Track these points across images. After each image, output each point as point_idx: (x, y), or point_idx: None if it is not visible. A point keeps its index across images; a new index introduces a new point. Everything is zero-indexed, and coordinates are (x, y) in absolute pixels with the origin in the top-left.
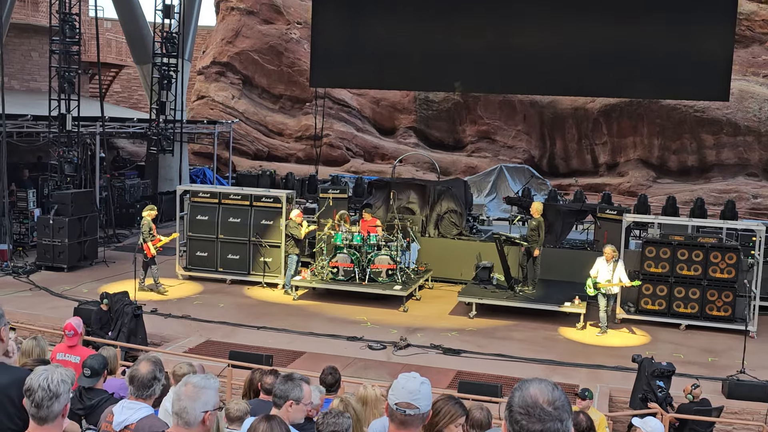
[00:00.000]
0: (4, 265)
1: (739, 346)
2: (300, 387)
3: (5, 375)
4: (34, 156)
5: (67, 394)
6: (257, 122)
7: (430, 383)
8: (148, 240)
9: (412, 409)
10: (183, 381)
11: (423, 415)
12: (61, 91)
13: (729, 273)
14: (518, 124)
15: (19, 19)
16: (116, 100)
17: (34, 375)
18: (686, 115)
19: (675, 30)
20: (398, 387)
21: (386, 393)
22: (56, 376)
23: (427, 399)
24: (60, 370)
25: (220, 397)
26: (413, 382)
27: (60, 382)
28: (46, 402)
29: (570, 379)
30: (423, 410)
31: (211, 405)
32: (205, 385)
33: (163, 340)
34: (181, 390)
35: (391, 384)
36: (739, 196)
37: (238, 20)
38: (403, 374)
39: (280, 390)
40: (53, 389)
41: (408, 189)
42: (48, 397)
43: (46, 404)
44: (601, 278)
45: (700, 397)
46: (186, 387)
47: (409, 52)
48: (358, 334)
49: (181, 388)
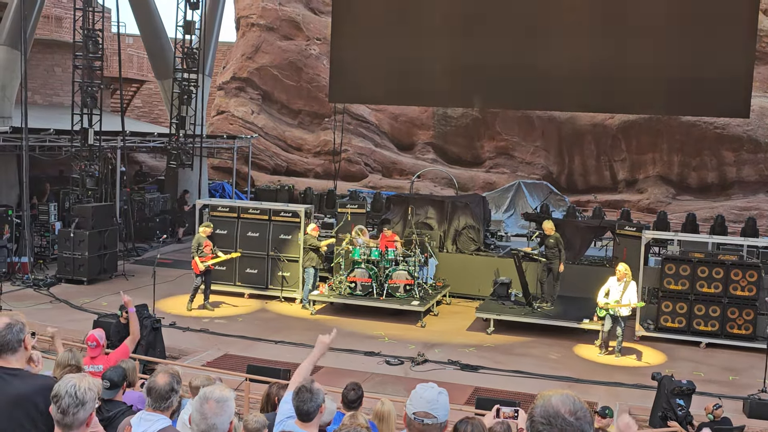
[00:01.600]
0: (25, 278)
1: (761, 364)
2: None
3: (30, 382)
4: (56, 170)
5: (92, 403)
6: (276, 137)
7: (447, 393)
8: (195, 256)
9: (430, 419)
10: (202, 398)
11: (441, 424)
12: (83, 105)
13: (750, 291)
14: (536, 140)
15: (42, 34)
16: (137, 114)
17: (62, 382)
18: (706, 132)
19: (695, 46)
20: (416, 396)
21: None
22: (84, 384)
23: (444, 409)
24: (88, 378)
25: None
26: (431, 391)
27: (87, 390)
28: (72, 409)
29: (589, 396)
30: (441, 419)
31: (233, 413)
32: (227, 397)
33: (181, 353)
34: (205, 408)
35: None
36: (760, 213)
37: (258, 36)
38: (421, 384)
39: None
40: (80, 396)
41: (426, 204)
42: (74, 404)
43: (72, 411)
44: (610, 298)
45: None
46: (209, 404)
47: (427, 68)
48: (375, 349)
49: (204, 406)
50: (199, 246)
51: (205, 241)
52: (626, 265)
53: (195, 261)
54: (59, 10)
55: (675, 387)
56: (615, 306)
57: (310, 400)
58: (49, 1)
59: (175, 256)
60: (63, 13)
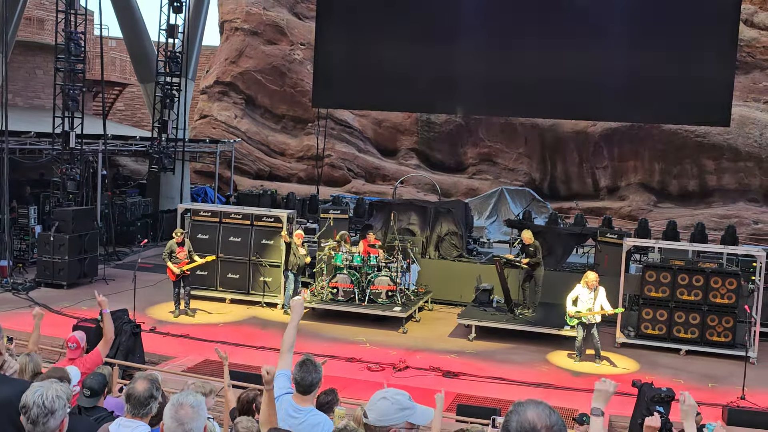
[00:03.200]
0: (3, 282)
1: (740, 372)
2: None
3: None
4: (37, 173)
5: (63, 410)
6: (259, 142)
7: (400, 402)
8: (167, 262)
9: (366, 418)
10: (176, 404)
11: (383, 428)
12: (65, 108)
13: (729, 298)
14: (519, 147)
15: (24, 36)
16: (119, 118)
17: (30, 392)
18: (687, 140)
19: (676, 56)
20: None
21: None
22: (51, 393)
23: (380, 414)
24: (55, 386)
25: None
26: (380, 394)
27: (55, 398)
28: (42, 419)
29: (568, 403)
30: (372, 422)
31: (205, 416)
32: (200, 401)
33: (161, 359)
34: (181, 414)
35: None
36: (739, 221)
37: (241, 40)
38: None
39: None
40: (48, 406)
41: (409, 210)
42: (43, 413)
43: (41, 421)
44: (581, 306)
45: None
46: (185, 410)
47: (411, 75)
48: (357, 355)
49: (180, 412)
50: (172, 253)
51: (177, 248)
52: (596, 274)
53: (169, 267)
54: (41, 12)
55: (655, 394)
56: (588, 314)
57: (314, 371)
58: (31, 3)
59: (157, 261)
60: (45, 15)
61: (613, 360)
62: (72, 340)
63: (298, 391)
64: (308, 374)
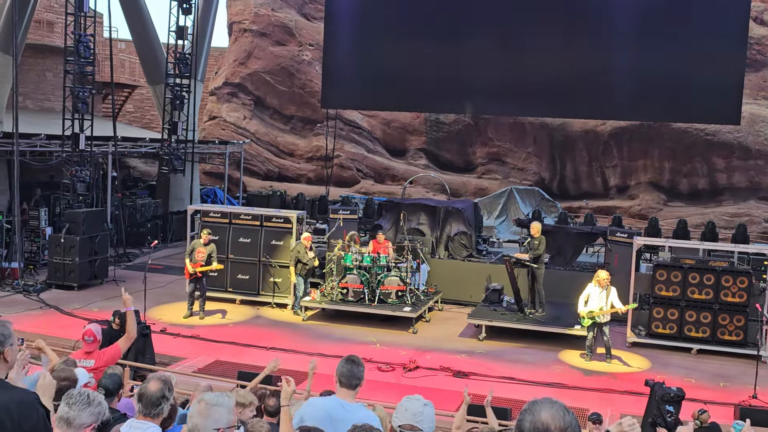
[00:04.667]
0: (14, 284)
1: (751, 371)
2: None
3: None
4: (47, 175)
5: (97, 415)
6: (268, 143)
7: (433, 406)
8: (186, 259)
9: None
10: (199, 398)
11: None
12: (74, 110)
13: (741, 297)
14: (528, 146)
15: (34, 39)
16: (129, 120)
17: (80, 384)
18: (697, 139)
19: (686, 54)
20: (402, 409)
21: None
22: (98, 397)
23: (430, 421)
24: (101, 398)
25: None
26: (416, 404)
27: (101, 401)
28: (79, 406)
29: (580, 402)
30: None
31: (223, 423)
32: (218, 403)
33: (171, 360)
34: (194, 408)
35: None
36: (750, 219)
37: (250, 42)
38: (407, 396)
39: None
40: (92, 397)
41: (418, 210)
42: (85, 402)
43: (78, 408)
44: (592, 305)
45: (709, 422)
46: (199, 404)
47: (420, 75)
48: (367, 355)
49: (195, 406)
50: (193, 250)
51: (198, 248)
52: (607, 272)
53: (186, 264)
54: (51, 14)
55: (664, 393)
56: (601, 313)
57: (360, 365)
58: (40, 6)
59: (167, 262)
60: (55, 18)
61: (625, 359)
62: (88, 333)
63: (345, 385)
64: (356, 367)
